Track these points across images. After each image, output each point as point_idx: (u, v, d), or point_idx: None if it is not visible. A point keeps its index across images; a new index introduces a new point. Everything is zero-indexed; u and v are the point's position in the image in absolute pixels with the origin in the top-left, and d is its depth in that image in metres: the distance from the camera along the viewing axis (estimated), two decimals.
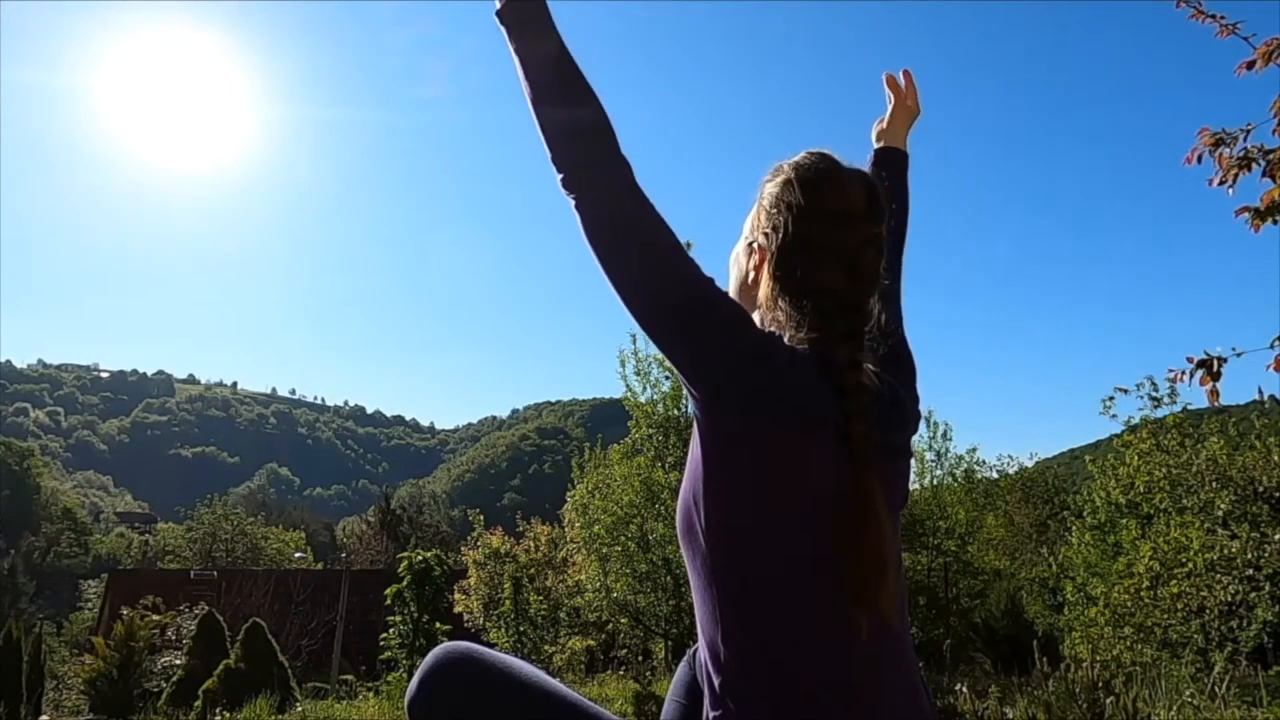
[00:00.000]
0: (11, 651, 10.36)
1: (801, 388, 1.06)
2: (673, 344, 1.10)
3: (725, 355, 1.05)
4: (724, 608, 1.05)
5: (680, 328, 1.08)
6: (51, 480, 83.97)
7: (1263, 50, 2.40)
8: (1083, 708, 4.27)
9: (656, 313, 1.10)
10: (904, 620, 1.13)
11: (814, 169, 1.19)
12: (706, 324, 1.07)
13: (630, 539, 10.31)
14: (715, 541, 1.05)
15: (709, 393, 1.06)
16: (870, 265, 1.17)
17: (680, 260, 1.10)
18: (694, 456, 1.09)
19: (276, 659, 10.39)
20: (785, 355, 1.08)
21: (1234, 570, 8.48)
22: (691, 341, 1.07)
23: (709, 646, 1.07)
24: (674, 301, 1.08)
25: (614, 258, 1.11)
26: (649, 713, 6.22)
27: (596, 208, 1.12)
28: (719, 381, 1.05)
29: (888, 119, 1.69)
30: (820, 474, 1.03)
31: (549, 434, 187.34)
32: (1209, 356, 2.53)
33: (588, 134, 1.14)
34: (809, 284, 1.15)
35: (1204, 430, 10.51)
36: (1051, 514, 20.72)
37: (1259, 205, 2.45)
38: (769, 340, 1.09)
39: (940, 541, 13.77)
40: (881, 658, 1.05)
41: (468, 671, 1.13)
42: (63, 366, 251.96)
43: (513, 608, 14.09)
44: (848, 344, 1.12)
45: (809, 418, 1.04)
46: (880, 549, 1.02)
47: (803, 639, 1.02)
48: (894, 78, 1.72)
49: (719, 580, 1.06)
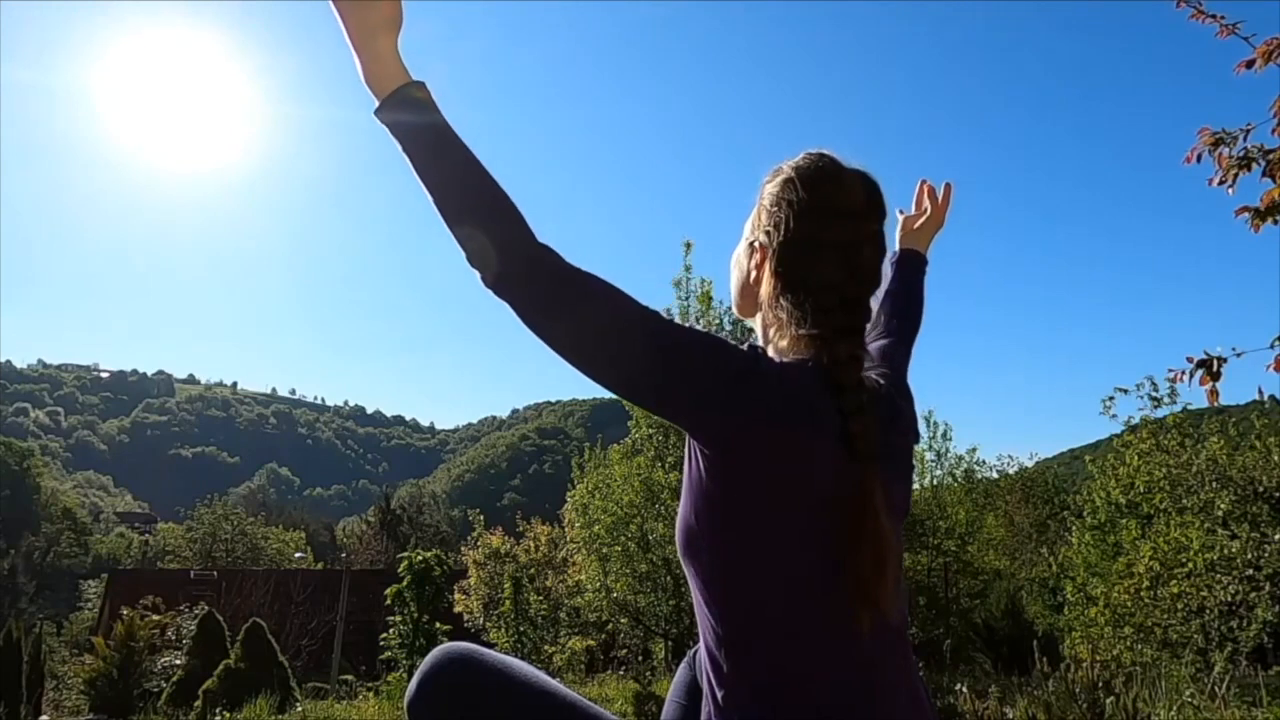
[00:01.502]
0: (11, 651, 10.35)
1: (795, 393, 1.05)
2: (662, 412, 1.09)
3: (714, 397, 1.02)
4: (726, 617, 1.05)
5: (660, 401, 1.06)
6: (51, 480, 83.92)
7: (1262, 50, 2.40)
8: (1083, 708, 4.27)
9: (633, 392, 1.08)
10: (904, 619, 1.13)
11: (814, 167, 1.19)
12: (686, 384, 1.03)
13: (630, 539, 10.30)
14: (718, 558, 1.05)
15: (708, 433, 1.04)
16: (871, 261, 1.17)
17: (631, 335, 1.03)
18: (691, 473, 1.07)
19: (276, 659, 10.39)
20: (773, 367, 1.07)
21: (1234, 570, 8.48)
22: (678, 407, 1.05)
23: (710, 648, 1.07)
24: (649, 382, 1.05)
25: (585, 363, 1.06)
26: (649, 713, 6.22)
27: (562, 326, 1.04)
28: (714, 417, 1.03)
29: (918, 225, 1.76)
30: (821, 476, 1.02)
31: (549, 434, 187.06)
32: (1209, 356, 2.53)
33: (521, 246, 1.04)
34: (810, 280, 1.14)
35: (1204, 430, 10.51)
36: (1051, 514, 20.71)
37: (1259, 205, 2.45)
38: (752, 357, 1.06)
39: (940, 541, 13.74)
40: (883, 656, 1.05)
41: (466, 673, 1.13)
42: (63, 366, 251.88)
43: (513, 608, 14.09)
44: (848, 340, 1.11)
45: (805, 421, 1.03)
46: (880, 545, 1.01)
47: (805, 638, 1.02)
48: (934, 189, 1.79)
49: (722, 592, 1.05)
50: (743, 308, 1.30)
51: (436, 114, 1.07)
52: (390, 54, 1.08)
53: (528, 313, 1.04)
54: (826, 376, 1.08)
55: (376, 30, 1.08)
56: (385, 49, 1.08)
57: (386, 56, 1.08)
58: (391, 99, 1.07)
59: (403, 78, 1.08)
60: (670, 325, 1.05)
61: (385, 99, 1.07)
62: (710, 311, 9.48)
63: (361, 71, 1.08)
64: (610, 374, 1.06)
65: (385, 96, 1.07)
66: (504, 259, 1.03)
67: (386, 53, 1.08)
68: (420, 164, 1.06)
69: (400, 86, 1.07)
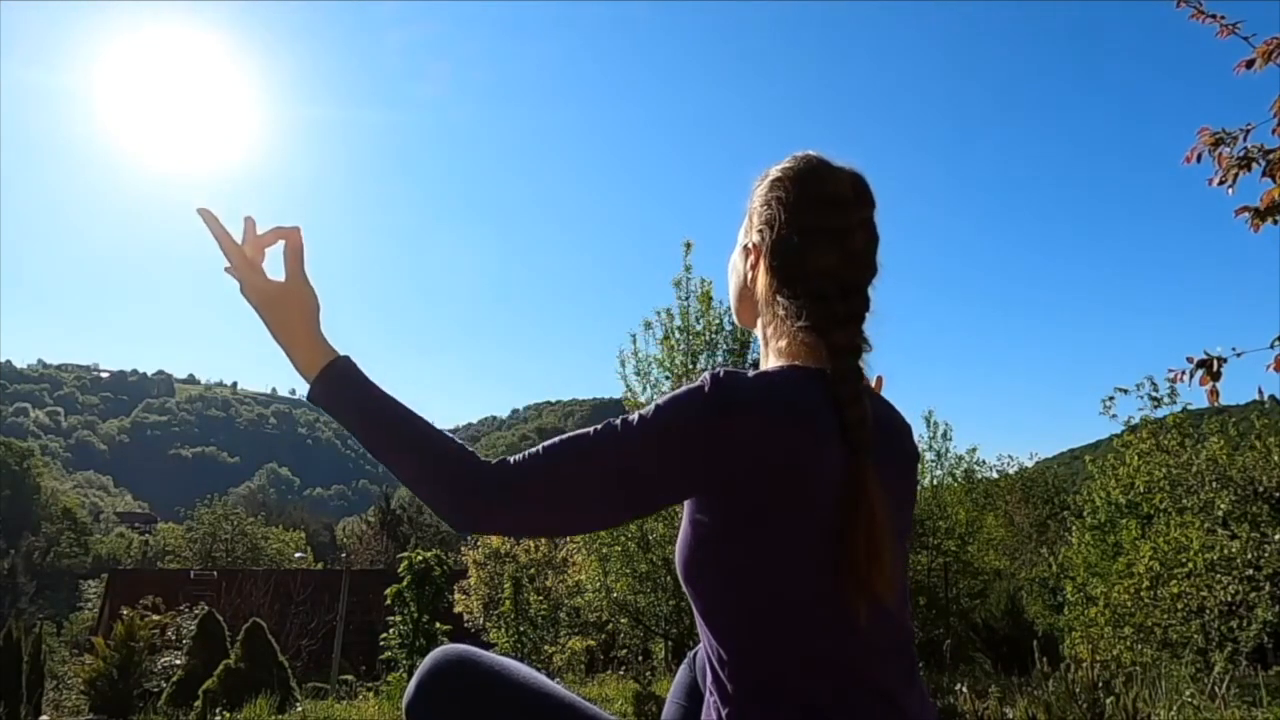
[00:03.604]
0: (11, 651, 10.36)
1: (783, 407, 1.03)
2: (670, 504, 1.08)
3: (700, 472, 1.01)
4: (727, 630, 1.05)
5: (666, 503, 1.06)
6: (51, 480, 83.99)
7: (1262, 50, 2.40)
8: (1083, 708, 4.27)
9: (638, 514, 1.09)
10: (904, 610, 1.12)
11: (800, 164, 1.21)
12: (666, 487, 1.04)
13: (630, 539, 10.29)
14: (719, 582, 1.04)
15: (711, 495, 1.03)
16: (864, 247, 1.17)
17: (606, 488, 1.04)
18: (689, 507, 1.07)
19: (276, 659, 10.38)
20: (748, 394, 1.02)
21: (1234, 570, 8.48)
22: (677, 498, 1.06)
23: (710, 650, 1.07)
24: (640, 502, 1.05)
25: (579, 528, 1.12)
26: (649, 713, 6.21)
27: (555, 520, 1.08)
28: (710, 485, 1.02)
29: None
30: (820, 482, 1.01)
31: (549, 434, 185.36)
32: (1209, 356, 2.53)
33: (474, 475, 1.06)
34: (806, 268, 1.14)
35: (1204, 430, 10.52)
36: (1051, 514, 20.73)
37: (1259, 205, 2.45)
38: (719, 401, 1.01)
39: (940, 541, 13.75)
40: (881, 646, 1.05)
41: (465, 675, 1.13)
42: (63, 366, 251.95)
43: (513, 608, 14.09)
44: (846, 329, 1.12)
45: (798, 430, 1.01)
46: (874, 530, 1.00)
47: (805, 640, 1.01)
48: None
49: (723, 611, 1.05)
50: (742, 314, 1.30)
51: (359, 389, 1.12)
52: (307, 342, 1.16)
53: (518, 532, 1.11)
54: (820, 375, 1.08)
55: (294, 324, 1.16)
56: (303, 339, 1.16)
57: (306, 344, 1.15)
58: (317, 384, 1.13)
59: (324, 360, 1.14)
60: (628, 443, 1.03)
61: (312, 384, 1.14)
62: (710, 311, 9.48)
63: (290, 361, 1.16)
64: (600, 521, 1.09)
65: (312, 381, 1.14)
66: (470, 505, 1.05)
67: (305, 341, 1.15)
68: (361, 440, 1.11)
69: (323, 369, 1.13)
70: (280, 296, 1.17)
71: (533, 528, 1.11)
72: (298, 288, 1.18)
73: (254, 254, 1.20)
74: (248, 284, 1.19)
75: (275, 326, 1.16)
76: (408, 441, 1.09)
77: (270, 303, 1.17)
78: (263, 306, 1.17)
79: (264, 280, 1.18)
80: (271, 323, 1.17)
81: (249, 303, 1.18)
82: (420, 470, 1.08)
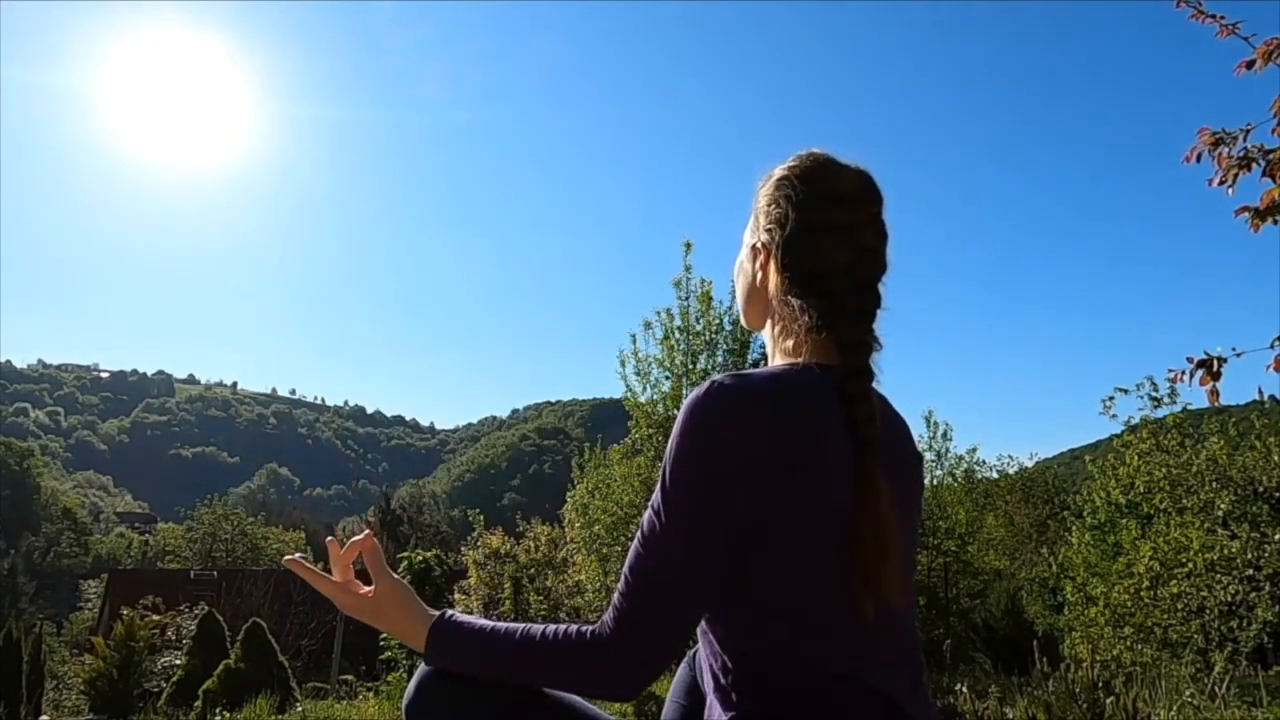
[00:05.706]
0: (11, 651, 10.37)
1: (795, 396, 1.03)
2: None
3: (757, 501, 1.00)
4: (730, 638, 1.05)
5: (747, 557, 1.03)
6: (51, 480, 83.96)
7: (1262, 50, 2.40)
8: (1083, 708, 4.27)
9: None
10: (911, 615, 1.12)
11: (807, 162, 1.20)
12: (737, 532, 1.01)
13: (630, 539, 10.30)
14: (728, 598, 1.04)
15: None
16: (874, 243, 1.17)
17: (690, 571, 1.01)
18: None
19: (276, 659, 10.38)
20: (757, 389, 1.01)
21: (1234, 570, 8.47)
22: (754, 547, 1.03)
23: (711, 650, 1.07)
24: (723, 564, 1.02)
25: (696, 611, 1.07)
26: (649, 713, 6.21)
27: (678, 629, 1.04)
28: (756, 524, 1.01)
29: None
30: (831, 491, 1.00)
31: (549, 434, 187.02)
32: (1209, 356, 2.53)
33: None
34: (818, 266, 1.14)
35: (1204, 430, 10.50)
36: (1051, 514, 20.70)
37: (1259, 205, 2.45)
38: (731, 434, 0.99)
39: (940, 541, 13.74)
40: (887, 649, 1.05)
41: (464, 676, 1.13)
42: (63, 366, 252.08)
43: (513, 608, 14.07)
44: (857, 325, 1.11)
45: (803, 436, 1.00)
46: (882, 527, 0.99)
47: (807, 641, 1.01)
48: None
49: (727, 623, 1.05)
50: (750, 315, 1.28)
51: (460, 643, 1.14)
52: (410, 628, 1.19)
53: (666, 661, 1.05)
54: (828, 373, 1.08)
55: (395, 620, 1.21)
56: (405, 627, 1.20)
57: (410, 631, 1.19)
58: (430, 657, 1.16)
59: (425, 627, 1.17)
60: (674, 547, 1.01)
61: (425, 658, 1.17)
62: (710, 311, 9.47)
63: (404, 638, 1.22)
64: (706, 604, 1.05)
65: (425, 657, 1.17)
66: (614, 681, 1.05)
67: (407, 628, 1.20)
68: (492, 677, 1.12)
69: (428, 644, 1.16)
70: (374, 606, 1.24)
71: (669, 651, 1.04)
72: (386, 589, 1.23)
73: (343, 575, 1.29)
74: (344, 605, 1.27)
75: (384, 628, 1.24)
76: (526, 664, 1.09)
77: (370, 614, 1.24)
78: (365, 618, 1.25)
79: (357, 598, 1.26)
80: (379, 626, 1.25)
81: (352, 616, 1.27)
82: (554, 681, 1.10)
